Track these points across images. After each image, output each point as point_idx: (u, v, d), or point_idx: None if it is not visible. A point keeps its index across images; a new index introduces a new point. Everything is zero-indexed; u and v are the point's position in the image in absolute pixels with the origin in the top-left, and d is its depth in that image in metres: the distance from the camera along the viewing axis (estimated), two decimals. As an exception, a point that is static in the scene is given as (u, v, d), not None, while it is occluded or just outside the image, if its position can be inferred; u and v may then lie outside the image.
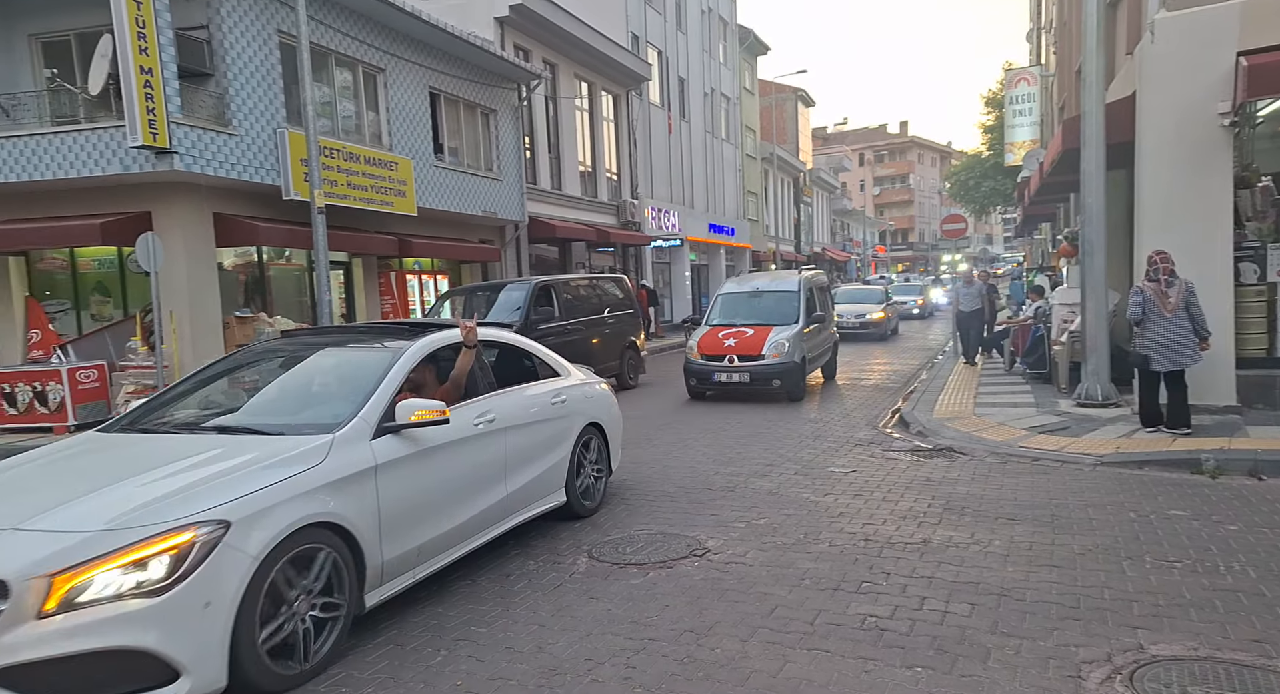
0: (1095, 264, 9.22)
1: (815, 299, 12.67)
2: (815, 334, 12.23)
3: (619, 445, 6.65)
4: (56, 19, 11.94)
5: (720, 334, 11.81)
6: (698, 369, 11.74)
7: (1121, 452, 7.25)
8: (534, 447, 5.44)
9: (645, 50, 28.00)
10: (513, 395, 5.42)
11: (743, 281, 13.61)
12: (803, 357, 11.54)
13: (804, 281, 12.50)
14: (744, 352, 11.42)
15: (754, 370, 11.29)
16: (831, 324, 14.02)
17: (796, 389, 11.41)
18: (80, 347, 11.98)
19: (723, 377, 11.51)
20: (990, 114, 39.19)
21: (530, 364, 6.00)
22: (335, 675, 3.71)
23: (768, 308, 12.28)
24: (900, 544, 5.18)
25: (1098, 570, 4.60)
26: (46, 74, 12.07)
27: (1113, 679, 3.38)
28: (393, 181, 14.38)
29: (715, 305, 12.91)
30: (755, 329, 11.69)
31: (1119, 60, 11.12)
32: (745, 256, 39.20)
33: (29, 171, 11.00)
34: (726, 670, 3.60)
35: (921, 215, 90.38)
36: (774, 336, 11.44)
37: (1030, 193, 17.54)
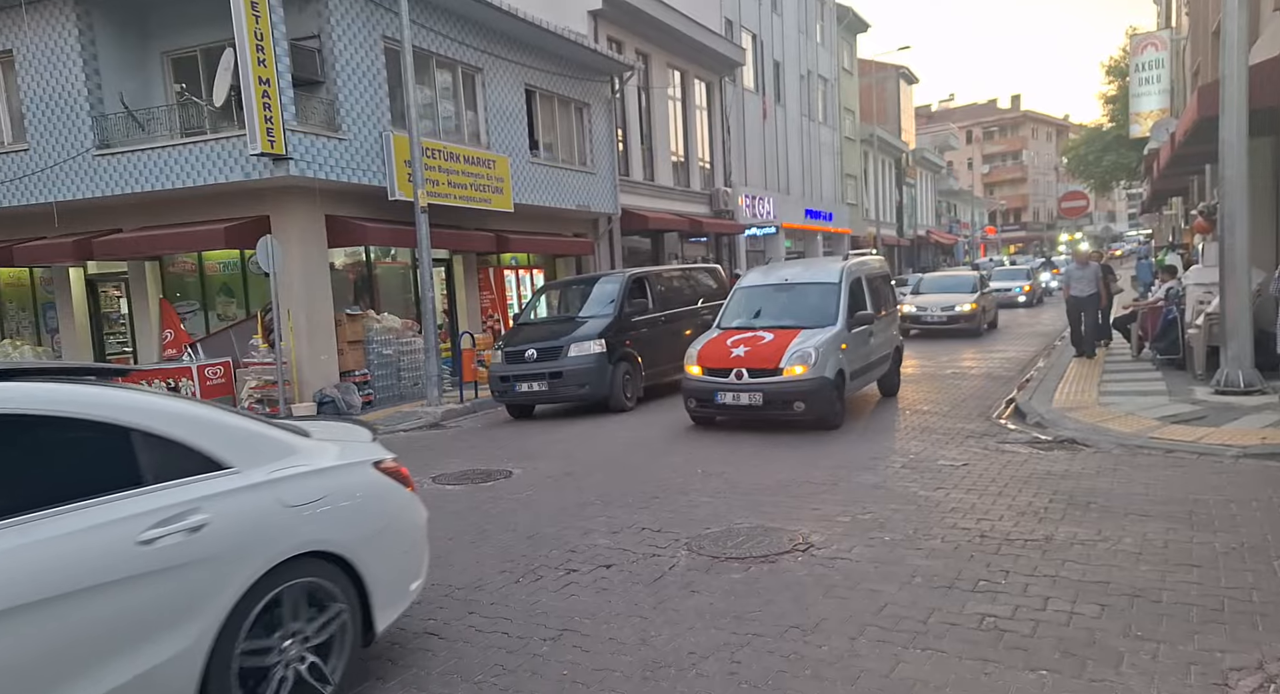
0: (1237, 240, 8.52)
1: (865, 293, 9.89)
2: (862, 340, 9.53)
3: (402, 578, 3.69)
4: (185, 36, 12.78)
5: (730, 340, 9.22)
6: (695, 387, 9.07)
7: (1268, 443, 6.64)
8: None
9: (739, 35, 27.58)
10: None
11: (769, 271, 10.99)
12: (840, 370, 8.79)
13: (848, 270, 9.78)
14: (756, 364, 8.68)
15: (768, 389, 8.51)
16: (893, 325, 11.24)
17: (829, 414, 8.62)
18: (208, 345, 12.84)
19: (728, 397, 8.71)
20: (1112, 83, 36.75)
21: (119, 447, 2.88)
22: (447, 662, 3.81)
23: (797, 305, 9.66)
24: (1020, 541, 4.90)
25: (1244, 571, 4.22)
26: (176, 88, 12.94)
27: (1266, 688, 3.09)
28: (490, 179, 14.71)
29: (731, 302, 10.31)
30: (777, 333, 9.09)
31: (1264, 18, 10.19)
32: (844, 242, 38.17)
33: (161, 181, 11.83)
34: (835, 669, 3.49)
35: (1036, 193, 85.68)
36: (799, 343, 8.72)
37: (1160, 166, 16.32)
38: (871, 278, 10.43)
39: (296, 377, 11.97)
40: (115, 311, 14.62)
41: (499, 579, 4.85)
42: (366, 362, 12.95)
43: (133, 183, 11.96)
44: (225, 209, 12.08)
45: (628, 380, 11.25)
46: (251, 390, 12.03)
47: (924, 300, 19.14)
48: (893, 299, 11.52)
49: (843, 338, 9.04)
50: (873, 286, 10.27)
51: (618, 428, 9.91)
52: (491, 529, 5.92)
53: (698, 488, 6.65)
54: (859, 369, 9.44)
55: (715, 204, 25.13)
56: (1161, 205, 30.65)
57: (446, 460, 8.60)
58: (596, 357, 10.83)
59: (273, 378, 11.53)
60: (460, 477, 7.70)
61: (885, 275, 11.29)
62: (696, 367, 9.17)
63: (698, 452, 8.13)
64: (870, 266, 10.77)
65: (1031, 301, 27.30)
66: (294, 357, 11.95)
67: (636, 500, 6.36)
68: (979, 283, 19.71)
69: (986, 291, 19.98)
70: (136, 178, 11.94)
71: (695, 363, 9.21)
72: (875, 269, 10.94)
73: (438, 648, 3.97)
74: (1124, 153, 35.14)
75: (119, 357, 14.24)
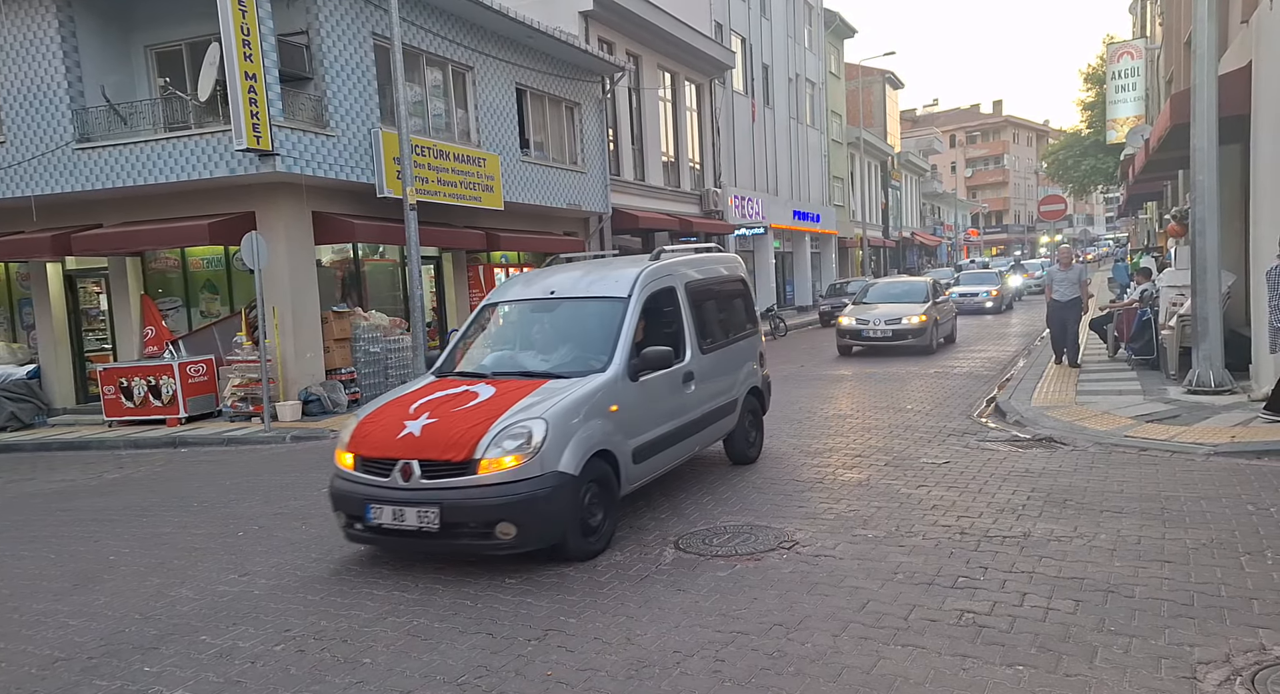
0: (1207, 244, 8.72)
1: (683, 314, 6.48)
2: (662, 391, 6.03)
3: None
4: (169, 30, 12.68)
5: (419, 402, 5.46)
6: (342, 493, 5.30)
7: (1238, 441, 6.82)
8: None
9: (729, 38, 27.73)
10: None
11: (534, 278, 6.97)
12: (598, 452, 5.24)
13: (648, 278, 6.22)
14: (435, 451, 5.00)
15: (449, 501, 4.90)
16: (749, 357, 7.67)
17: (574, 543, 5.07)
18: (190, 342, 12.76)
19: (384, 515, 5.00)
20: (1090, 90, 37.30)
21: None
22: (429, 664, 3.85)
23: (557, 335, 6.34)
24: (998, 538, 5.02)
25: (1213, 566, 4.35)
26: (160, 83, 12.82)
27: (1232, 681, 3.21)
28: (481, 177, 14.72)
29: (466, 328, 6.74)
30: (503, 386, 5.52)
31: (1233, 29, 10.39)
32: (831, 243, 38.44)
33: (144, 176, 11.73)
34: (818, 666, 3.57)
35: (1017, 197, 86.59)
36: (522, 409, 5.14)
37: (1135, 171, 16.58)
38: (701, 289, 6.91)
39: (281, 374, 11.94)
40: (95, 308, 14.48)
41: (486, 579, 4.90)
42: (353, 359, 12.93)
43: (114, 177, 11.85)
44: (210, 205, 12.01)
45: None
46: (235, 388, 11.98)
47: (867, 312, 16.19)
48: (746, 318, 7.87)
49: (613, 393, 5.47)
50: (697, 302, 6.75)
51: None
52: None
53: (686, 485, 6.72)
54: (655, 441, 5.85)
55: (705, 204, 25.26)
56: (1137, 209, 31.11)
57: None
58: None
59: (257, 375, 11.49)
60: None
61: (734, 281, 7.81)
62: (348, 453, 5.28)
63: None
64: (702, 270, 7.16)
65: (1000, 307, 25.54)
66: (279, 354, 11.91)
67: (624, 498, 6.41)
68: (931, 291, 16.77)
69: (940, 301, 16.91)
70: (118, 172, 11.84)
71: (348, 444, 5.31)
72: (711, 275, 7.30)
73: (419, 650, 4.01)
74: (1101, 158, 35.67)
75: (98, 354, 14.12)
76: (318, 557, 5.58)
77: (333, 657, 4.00)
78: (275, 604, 4.75)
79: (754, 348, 7.84)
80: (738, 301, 7.85)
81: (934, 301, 16.31)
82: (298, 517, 6.69)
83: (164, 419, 11.99)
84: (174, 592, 5.08)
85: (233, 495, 7.70)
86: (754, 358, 7.77)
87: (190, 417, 12.05)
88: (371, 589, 4.87)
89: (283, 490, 7.75)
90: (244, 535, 6.27)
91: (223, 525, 6.60)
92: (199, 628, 4.47)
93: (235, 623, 4.50)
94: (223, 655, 4.09)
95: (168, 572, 5.51)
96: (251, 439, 10.67)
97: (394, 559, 5.37)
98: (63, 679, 3.95)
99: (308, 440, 10.49)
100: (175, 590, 5.11)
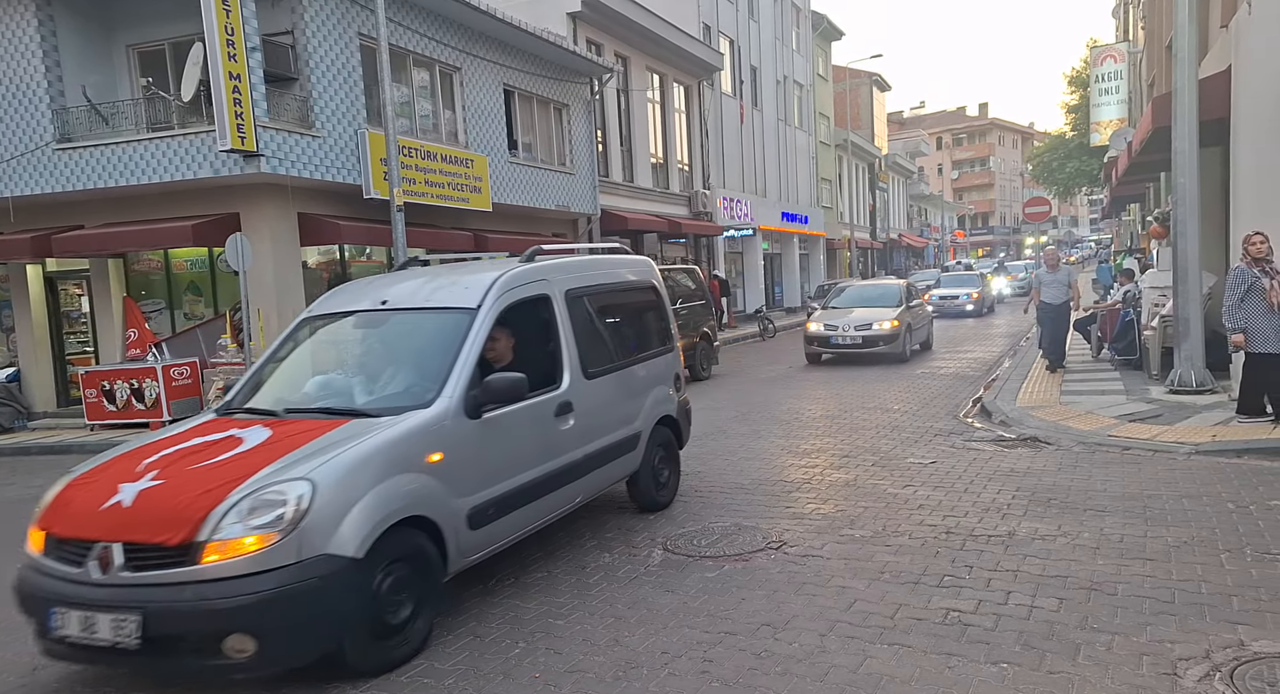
0: (1189, 245, 8.82)
1: (561, 329, 5.26)
2: (518, 433, 4.73)
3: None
4: (152, 29, 12.58)
5: (147, 460, 3.97)
6: (28, 585, 3.79)
7: (1219, 440, 6.90)
8: None
9: (717, 40, 27.79)
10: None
11: (365, 288, 5.61)
12: (377, 531, 3.69)
13: (508, 284, 4.98)
14: (144, 532, 3.52)
15: (153, 607, 3.41)
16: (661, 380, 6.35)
17: (313, 645, 3.58)
18: (174, 345, 12.65)
19: (69, 623, 3.52)
20: (1074, 93, 37.64)
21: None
22: (417, 666, 3.83)
23: (381, 359, 5.03)
24: (983, 537, 5.06)
25: (1194, 564, 4.41)
26: (143, 82, 12.71)
27: (1211, 677, 3.25)
28: (469, 178, 14.69)
29: (270, 351, 5.30)
30: (284, 430, 4.18)
31: (1213, 34, 10.52)
32: (819, 244, 38.57)
33: (126, 177, 11.63)
34: (805, 665, 3.59)
35: (1002, 199, 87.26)
36: (283, 466, 3.72)
37: (1118, 173, 16.76)
38: (589, 298, 5.61)
39: (268, 376, 11.86)
40: (76, 310, 14.34)
41: (477, 586, 4.88)
42: (339, 361, 12.86)
43: (95, 178, 11.74)
44: (193, 206, 11.93)
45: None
46: (219, 391, 11.88)
47: (835, 317, 14.94)
48: (657, 333, 6.51)
49: (437, 436, 4.16)
50: (584, 315, 5.49)
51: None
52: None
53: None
54: (509, 495, 4.54)
55: (694, 206, 25.31)
56: (1121, 211, 31.42)
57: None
58: None
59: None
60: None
61: (642, 289, 6.45)
62: (39, 529, 3.88)
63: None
64: (592, 275, 5.84)
65: (981, 310, 24.76)
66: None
67: (615, 500, 6.42)
68: (905, 294, 15.51)
69: (914, 305, 15.70)
70: (99, 173, 11.73)
71: (39, 518, 3.91)
72: (607, 281, 5.99)
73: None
74: (1086, 160, 36.01)
75: (80, 357, 13.99)
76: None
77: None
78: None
79: (668, 369, 6.45)
80: (648, 314, 6.48)
81: (907, 306, 15.14)
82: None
83: (147, 423, 11.89)
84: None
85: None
86: (668, 381, 6.38)
87: (174, 419, 11.94)
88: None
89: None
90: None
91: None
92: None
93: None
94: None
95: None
96: (237, 441, 10.57)
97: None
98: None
99: (294, 443, 10.41)
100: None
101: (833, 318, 15.05)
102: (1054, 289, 11.64)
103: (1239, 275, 7.12)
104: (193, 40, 11.35)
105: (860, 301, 15.60)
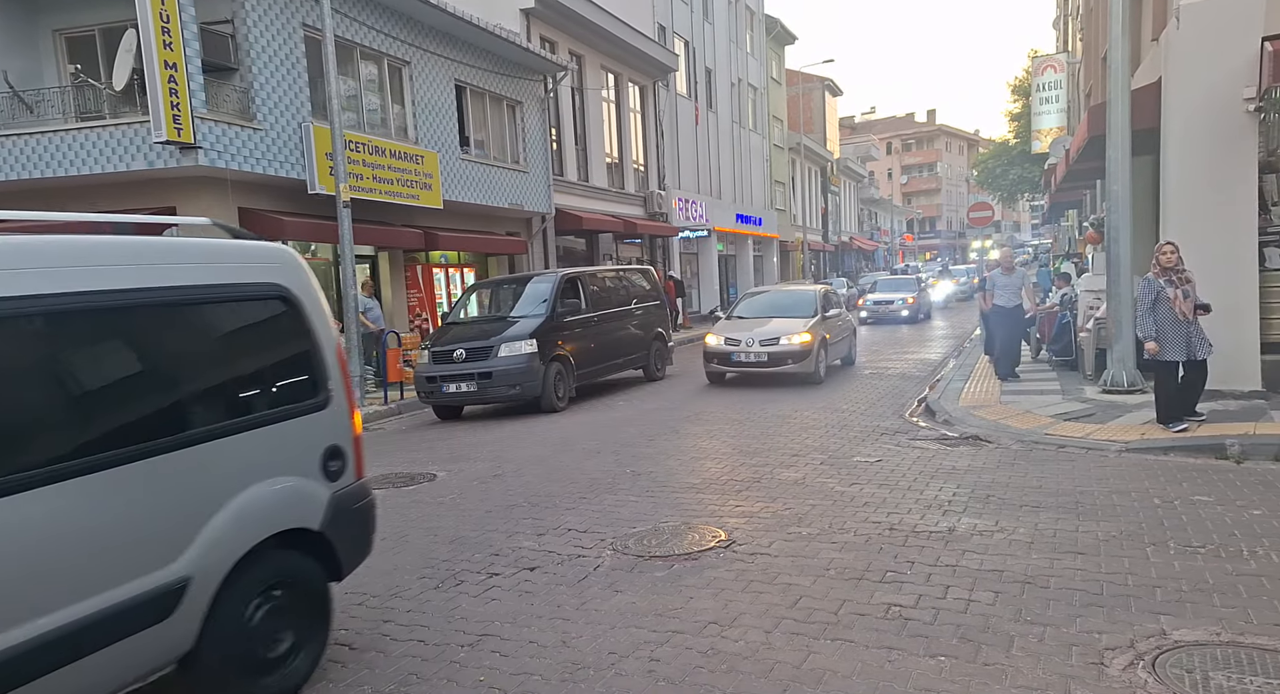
0: (1121, 250, 9.13)
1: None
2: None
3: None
4: (80, 14, 12.12)
5: None
6: None
7: (1147, 438, 7.18)
8: None
9: (672, 41, 27.91)
10: None
11: None
12: None
13: None
14: None
15: None
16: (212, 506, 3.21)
17: None
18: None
19: None
20: (1017, 101, 38.73)
21: None
22: (357, 674, 3.77)
23: None
24: (925, 533, 5.18)
25: (1122, 557, 4.57)
26: (70, 70, 12.26)
27: (1135, 665, 3.38)
28: (419, 174, 14.50)
29: None
30: None
31: (1145, 47, 10.94)
32: (773, 246, 39.03)
33: (53, 168, 11.20)
34: (750, 662, 3.63)
35: (949, 203, 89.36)
36: None
37: (1057, 180, 17.31)
38: (53, 326, 2.80)
39: (209, 375, 11.55)
40: None
41: (417, 586, 4.83)
42: (284, 360, 12.57)
43: (18, 169, 11.27)
44: (126, 199, 11.55)
45: (559, 380, 11.23)
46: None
47: (739, 330, 12.65)
48: (287, 383, 3.71)
49: None
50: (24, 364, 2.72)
51: (548, 428, 9.92)
52: (412, 534, 5.87)
53: (626, 487, 6.75)
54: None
55: (649, 206, 25.37)
56: (1060, 216, 32.41)
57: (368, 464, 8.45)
58: (528, 357, 10.76)
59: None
60: (382, 480, 7.58)
61: (248, 304, 3.60)
62: None
63: (627, 450, 8.24)
64: (74, 275, 2.87)
65: (917, 316, 23.28)
66: (206, 355, 11.52)
67: (564, 501, 6.42)
68: (822, 303, 13.14)
69: (832, 315, 13.31)
70: (24, 163, 11.26)
71: None
72: (132, 279, 3.07)
73: (347, 659, 3.92)
74: (1028, 167, 37.07)
75: None
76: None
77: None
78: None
79: (308, 441, 3.72)
80: (254, 348, 3.71)
81: (823, 316, 12.78)
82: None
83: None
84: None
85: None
86: (308, 463, 3.70)
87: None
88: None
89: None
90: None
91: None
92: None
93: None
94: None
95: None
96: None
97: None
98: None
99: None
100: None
101: (736, 330, 12.68)
102: (1008, 293, 11.32)
103: (1147, 285, 7.32)
104: (125, 26, 10.98)
105: (770, 310, 13.31)
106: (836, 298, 14.45)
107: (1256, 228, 8.32)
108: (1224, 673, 3.27)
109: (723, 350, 12.51)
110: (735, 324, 13.22)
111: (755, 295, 15.16)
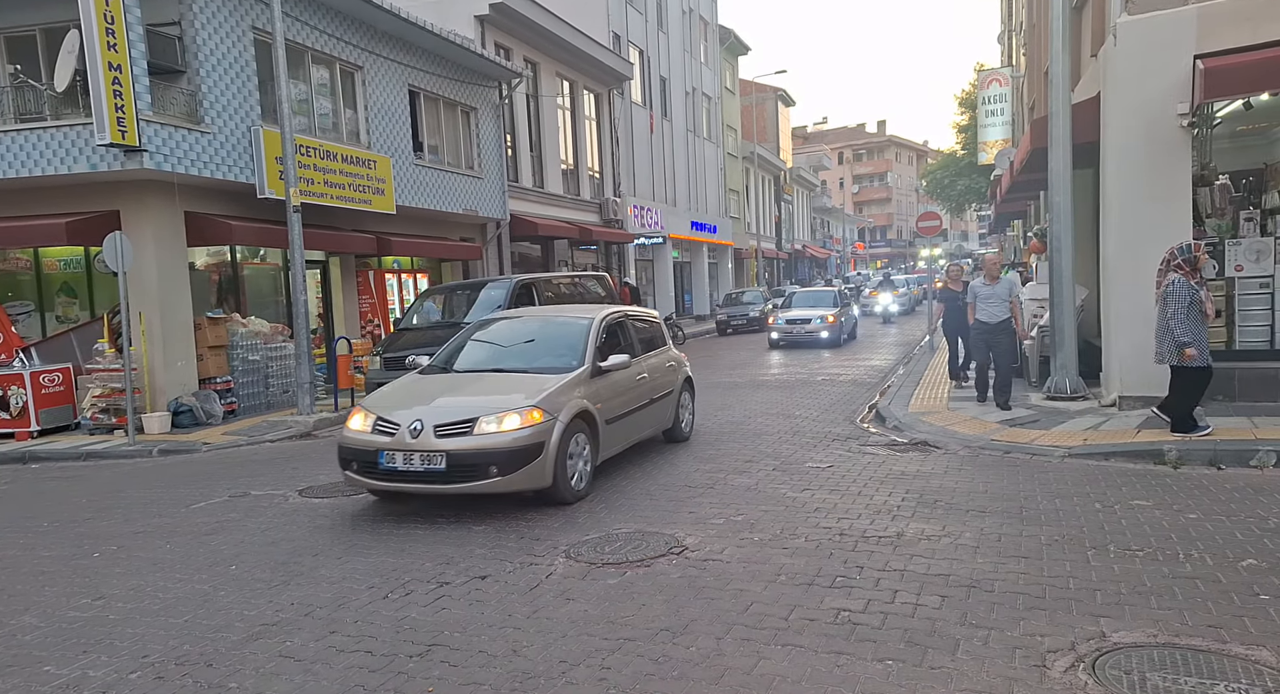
0: (1063, 260, 9.39)
1: None
2: None
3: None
4: (19, 14, 11.69)
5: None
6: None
7: (1089, 444, 7.38)
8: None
9: (627, 49, 28.02)
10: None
11: None
12: None
13: None
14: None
15: None
16: None
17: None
18: (45, 349, 11.76)
19: None
20: (964, 114, 39.75)
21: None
22: (302, 686, 3.69)
23: None
24: (875, 538, 5.24)
25: (1063, 560, 4.69)
26: (10, 70, 11.84)
27: (1076, 667, 3.46)
28: (371, 179, 14.28)
29: None
30: None
31: (1085, 62, 11.30)
32: (727, 254, 39.35)
33: (-6, 169, 10.80)
34: (701, 669, 3.63)
35: (899, 212, 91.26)
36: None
37: (1002, 191, 17.76)
38: None
39: (148, 383, 11.19)
40: (-68, 312, 13.07)
41: (366, 595, 4.73)
42: (230, 368, 12.26)
43: (-44, 170, 10.84)
44: (68, 202, 11.17)
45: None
46: (95, 399, 11.13)
47: (406, 402, 6.53)
48: None
49: None
50: None
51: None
52: (361, 543, 5.76)
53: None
54: None
55: (605, 213, 25.38)
56: (1005, 226, 33.31)
57: (317, 472, 8.27)
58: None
59: (120, 385, 10.73)
60: (332, 489, 7.43)
61: None
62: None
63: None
64: None
65: (838, 338, 19.19)
66: (145, 362, 11.17)
67: (515, 506, 6.35)
68: (595, 339, 7.20)
69: (624, 364, 7.27)
70: (-39, 165, 10.84)
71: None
72: None
73: (291, 671, 3.83)
74: (975, 178, 38.05)
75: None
76: (182, 577, 5.25)
77: (195, 683, 3.76)
78: (132, 629, 4.43)
79: None
80: None
81: (595, 366, 6.95)
82: (162, 534, 6.27)
83: (13, 433, 11.02)
84: (15, 620, 4.66)
85: (89, 514, 7.14)
86: None
87: (43, 429, 11.12)
88: (242, 610, 4.62)
89: (146, 507, 7.25)
90: (99, 557, 5.83)
91: (75, 546, 6.12)
92: (42, 658, 4.12)
93: (86, 651, 4.17)
94: (69, 687, 3.78)
95: (8, 598, 5.05)
96: (113, 453, 9.94)
97: (253, 577, 5.11)
98: (-123, 724, 3.52)
99: (177, 454, 9.86)
100: (17, 618, 4.69)
101: (401, 403, 6.61)
102: (993, 305, 9.46)
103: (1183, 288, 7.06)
104: (67, 27, 10.64)
105: (500, 361, 7.34)
106: (655, 327, 8.79)
107: (1192, 238, 8.61)
108: (1160, 674, 3.36)
109: (365, 446, 6.28)
110: (414, 387, 6.99)
111: (496, 323, 8.27)
